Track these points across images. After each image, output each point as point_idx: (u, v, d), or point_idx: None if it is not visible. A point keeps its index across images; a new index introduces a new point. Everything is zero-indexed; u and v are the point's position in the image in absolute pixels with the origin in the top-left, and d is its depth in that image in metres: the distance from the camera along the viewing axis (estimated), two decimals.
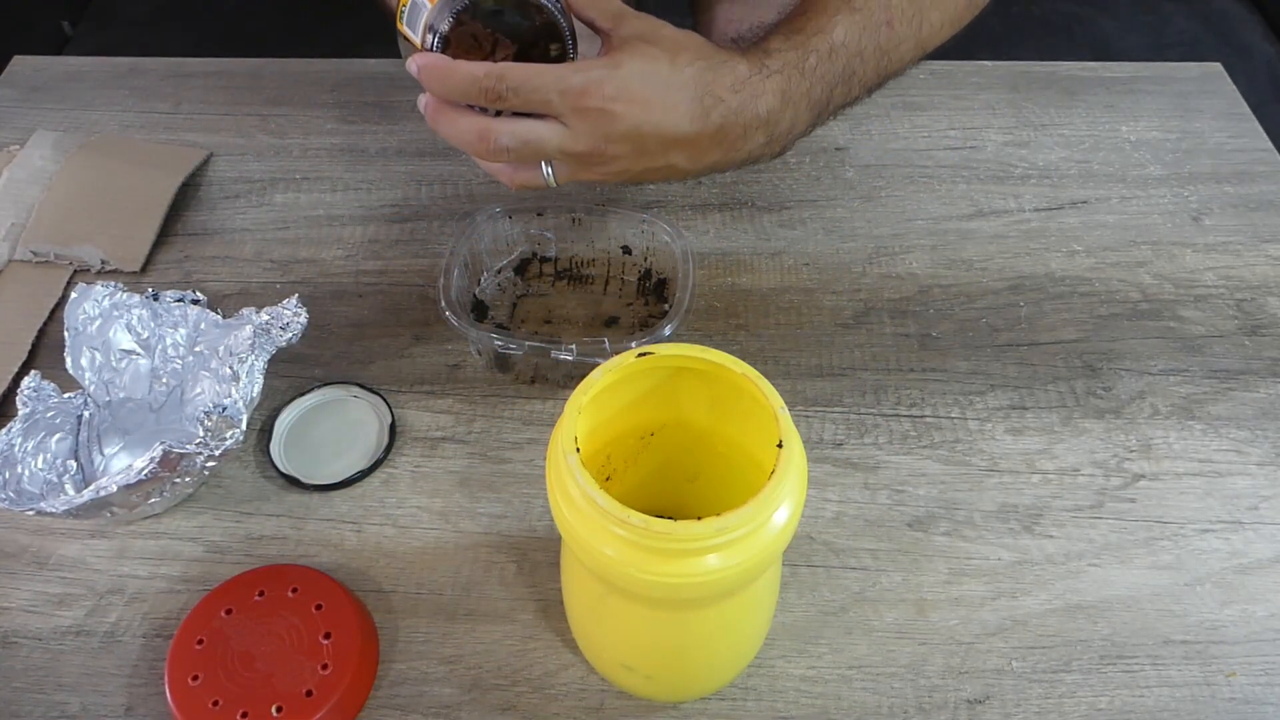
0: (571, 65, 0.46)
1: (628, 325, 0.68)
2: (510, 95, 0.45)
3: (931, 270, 0.71)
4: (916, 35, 0.54)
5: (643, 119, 0.47)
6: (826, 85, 0.51)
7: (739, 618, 0.45)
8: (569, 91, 0.46)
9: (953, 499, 0.59)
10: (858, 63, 0.52)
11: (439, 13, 0.46)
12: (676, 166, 0.50)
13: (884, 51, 0.53)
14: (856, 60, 0.52)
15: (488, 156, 0.48)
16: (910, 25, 0.53)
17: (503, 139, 0.47)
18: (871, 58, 0.52)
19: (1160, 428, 0.62)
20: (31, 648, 0.53)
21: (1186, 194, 0.77)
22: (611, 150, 0.48)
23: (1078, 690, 0.51)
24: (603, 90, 0.46)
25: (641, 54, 0.46)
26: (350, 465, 0.60)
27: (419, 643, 0.53)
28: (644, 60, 0.46)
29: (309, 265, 0.72)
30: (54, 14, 1.42)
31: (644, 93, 0.46)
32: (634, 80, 0.46)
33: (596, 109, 0.46)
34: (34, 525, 0.58)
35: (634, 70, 0.46)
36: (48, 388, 0.59)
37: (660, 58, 0.46)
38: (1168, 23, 1.35)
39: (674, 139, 0.48)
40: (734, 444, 0.46)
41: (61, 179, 0.75)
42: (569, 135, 0.47)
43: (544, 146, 0.48)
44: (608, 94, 0.46)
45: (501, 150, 0.47)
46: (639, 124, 0.47)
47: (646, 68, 0.46)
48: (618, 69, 0.46)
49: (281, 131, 0.82)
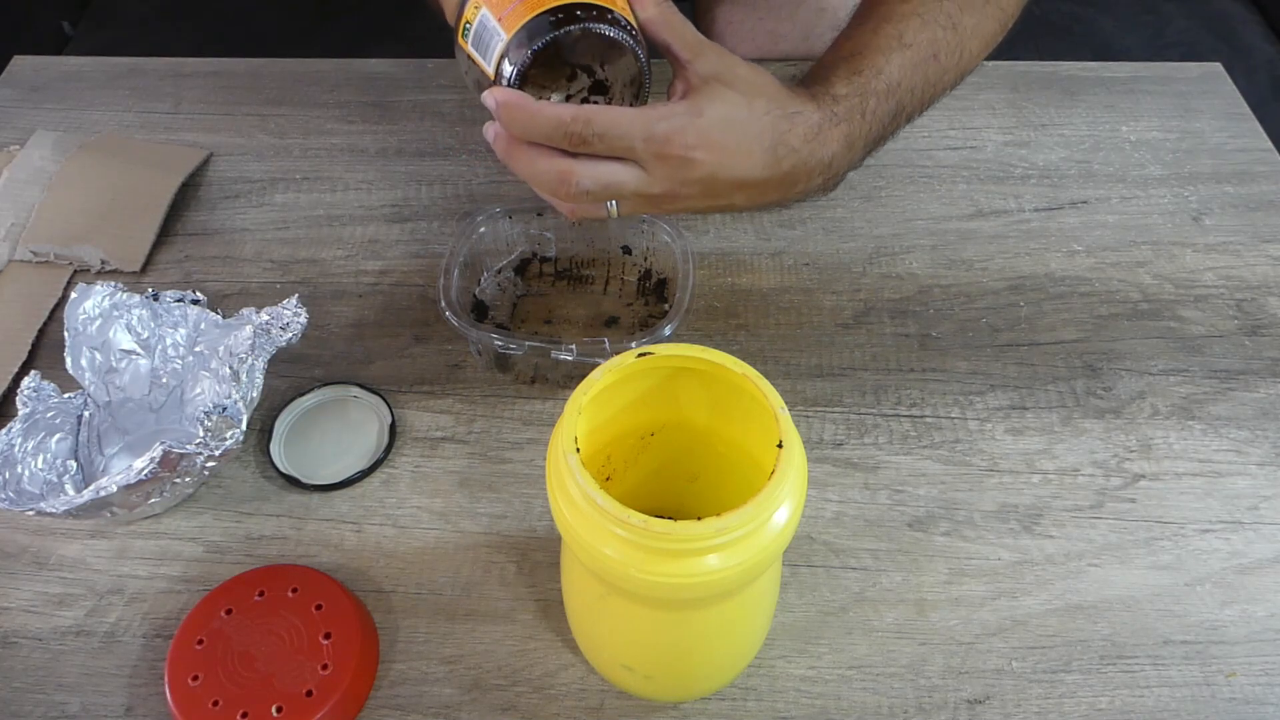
0: (655, 111, 0.46)
1: (628, 325, 0.68)
2: (595, 141, 0.45)
3: (931, 270, 0.71)
4: (958, 65, 0.55)
5: (720, 166, 0.47)
6: (881, 124, 0.52)
7: (739, 618, 0.45)
8: (653, 139, 0.45)
9: (953, 499, 0.59)
10: (908, 98, 0.53)
11: (517, 47, 0.43)
12: (736, 205, 0.50)
13: (930, 84, 0.54)
14: (907, 96, 0.53)
15: (564, 198, 0.48)
16: (953, 56, 0.54)
17: (584, 183, 0.46)
18: (920, 92, 0.53)
19: (1160, 428, 0.62)
20: (31, 648, 0.53)
21: (1186, 194, 0.77)
22: (684, 192, 0.48)
23: (1078, 690, 0.51)
24: (685, 139, 0.46)
25: (721, 99, 0.46)
26: (350, 465, 0.60)
27: (419, 643, 0.53)
28: (723, 105, 0.46)
29: (309, 265, 0.72)
30: (54, 14, 1.42)
31: (723, 140, 0.46)
32: (714, 129, 0.46)
33: (678, 156, 0.46)
34: (34, 525, 0.58)
35: (714, 117, 0.46)
36: (48, 388, 0.59)
37: (739, 103, 0.46)
38: (1168, 23, 1.35)
39: (744, 183, 0.48)
40: (734, 444, 0.46)
41: (61, 179, 0.75)
42: (646, 179, 0.47)
43: (622, 190, 0.47)
44: (689, 142, 0.46)
45: (581, 194, 0.47)
46: (715, 170, 0.47)
47: (726, 114, 0.46)
48: (700, 116, 0.46)
49: (281, 131, 0.82)
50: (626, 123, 0.45)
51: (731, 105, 0.46)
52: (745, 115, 0.47)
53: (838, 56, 0.53)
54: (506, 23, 0.43)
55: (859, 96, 0.50)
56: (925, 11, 0.53)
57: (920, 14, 0.53)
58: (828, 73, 0.51)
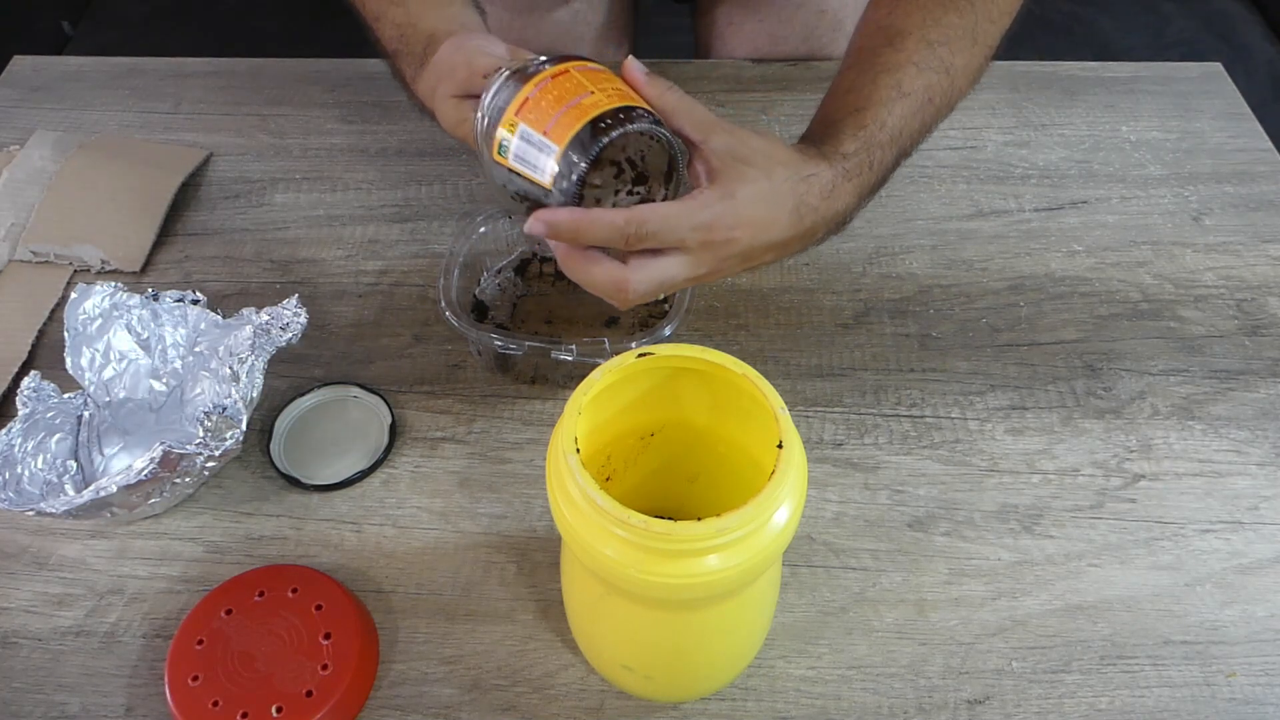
0: (695, 203, 0.48)
1: (628, 325, 0.68)
2: (649, 239, 0.48)
3: (931, 270, 0.71)
4: (949, 103, 0.59)
5: (754, 238, 0.50)
6: (885, 170, 0.56)
7: (739, 618, 0.45)
8: (699, 228, 0.48)
9: (953, 499, 0.59)
10: (908, 143, 0.57)
11: (574, 157, 0.46)
12: (766, 262, 0.53)
13: (926, 126, 0.58)
14: (908, 141, 0.57)
15: (621, 305, 0.51)
16: (946, 97, 0.58)
17: (640, 287, 0.49)
18: (918, 134, 0.57)
19: (1160, 428, 0.62)
20: (31, 648, 0.53)
21: (1186, 194, 0.77)
22: (724, 267, 0.51)
23: (1078, 690, 0.51)
24: (725, 222, 0.49)
25: (746, 179, 0.49)
26: (350, 465, 0.60)
27: (419, 643, 0.53)
28: (749, 184, 0.49)
29: (309, 265, 0.72)
30: (54, 14, 1.42)
31: (755, 215, 0.50)
32: (746, 207, 0.49)
33: (722, 240, 0.49)
34: (34, 525, 0.58)
35: (745, 197, 0.49)
36: (48, 388, 0.59)
37: (760, 178, 0.50)
38: (1168, 23, 1.35)
39: (773, 245, 0.51)
40: (734, 444, 0.46)
41: (61, 179, 0.75)
42: (693, 264, 0.50)
43: (674, 282, 0.50)
44: (729, 224, 0.49)
45: (639, 297, 0.50)
46: (752, 242, 0.50)
47: (754, 191, 0.49)
48: (733, 199, 0.49)
49: (281, 131, 0.82)
50: (677, 220, 0.48)
51: (756, 182, 0.49)
52: (769, 187, 0.50)
53: (843, 111, 0.55)
54: (555, 135, 0.46)
55: (865, 151, 0.54)
56: (920, 60, 0.56)
57: (915, 62, 0.56)
58: (836, 131, 0.54)
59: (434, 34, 0.56)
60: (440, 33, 0.55)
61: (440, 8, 0.58)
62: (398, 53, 0.59)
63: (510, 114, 0.47)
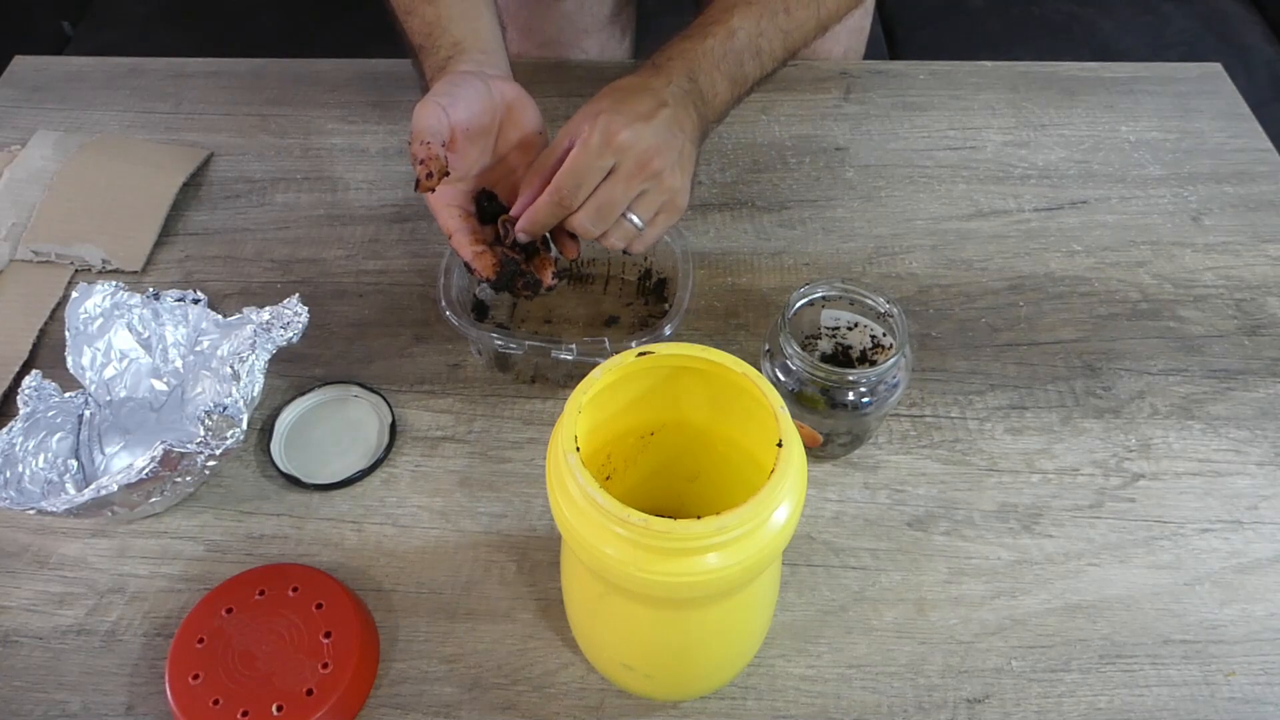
0: (568, 129, 0.55)
1: (628, 325, 0.68)
2: (579, 190, 0.54)
3: (931, 270, 0.71)
4: (816, 16, 0.65)
5: (623, 105, 0.55)
6: (734, 57, 0.61)
7: (739, 617, 0.45)
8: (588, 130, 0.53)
9: (952, 499, 0.59)
10: (762, 41, 0.62)
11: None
12: (677, 145, 0.56)
13: (785, 32, 0.63)
14: (761, 39, 0.62)
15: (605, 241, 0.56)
16: (809, 10, 0.64)
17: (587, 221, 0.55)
18: (775, 36, 0.63)
19: (1160, 427, 0.62)
20: (32, 646, 0.53)
21: (1186, 194, 0.77)
22: (625, 139, 0.53)
23: (1077, 690, 0.51)
24: (599, 105, 0.55)
25: (597, 98, 0.56)
26: (350, 465, 0.60)
27: (419, 642, 0.53)
28: (601, 98, 0.56)
29: (309, 265, 0.72)
30: (54, 14, 1.42)
31: (615, 94, 0.56)
32: (606, 96, 0.56)
33: (603, 118, 0.53)
34: (35, 524, 0.58)
35: (601, 96, 0.56)
36: (49, 387, 0.59)
37: (605, 90, 0.57)
38: (1168, 23, 1.35)
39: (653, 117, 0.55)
40: (734, 443, 0.46)
41: (62, 179, 0.76)
42: (612, 160, 0.54)
43: (614, 197, 0.54)
44: (602, 106, 0.55)
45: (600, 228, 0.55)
46: (620, 107, 0.54)
47: (605, 92, 0.56)
48: (599, 107, 0.54)
49: (282, 131, 0.82)
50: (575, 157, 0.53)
51: (601, 96, 0.56)
52: (611, 88, 0.57)
53: None
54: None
55: (690, 40, 0.60)
56: None
57: None
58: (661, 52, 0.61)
59: (459, 43, 0.61)
60: (465, 44, 0.61)
61: (468, 19, 0.62)
62: (422, 48, 0.63)
63: None
